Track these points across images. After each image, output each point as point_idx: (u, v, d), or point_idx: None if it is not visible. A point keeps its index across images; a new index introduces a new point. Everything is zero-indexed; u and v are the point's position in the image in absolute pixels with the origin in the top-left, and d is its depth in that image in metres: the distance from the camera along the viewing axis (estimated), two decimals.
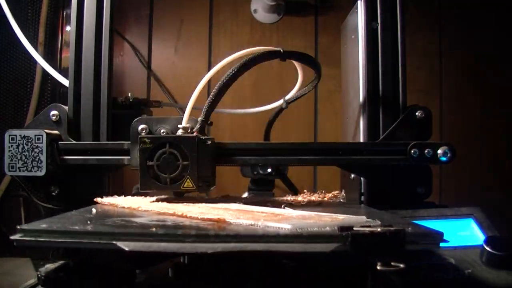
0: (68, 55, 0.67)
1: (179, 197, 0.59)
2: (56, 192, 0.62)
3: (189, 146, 0.54)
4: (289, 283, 0.48)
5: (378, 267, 0.35)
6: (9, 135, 0.58)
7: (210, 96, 0.58)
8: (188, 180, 0.54)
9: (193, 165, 0.54)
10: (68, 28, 0.88)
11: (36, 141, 0.58)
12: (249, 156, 0.59)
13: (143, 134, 0.59)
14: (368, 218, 0.43)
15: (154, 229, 0.39)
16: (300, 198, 0.66)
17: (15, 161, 0.58)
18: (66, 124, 0.61)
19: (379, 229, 0.35)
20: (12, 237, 0.38)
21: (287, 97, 0.72)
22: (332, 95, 1.11)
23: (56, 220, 0.43)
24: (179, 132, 0.57)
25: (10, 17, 0.69)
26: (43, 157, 0.58)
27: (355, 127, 0.67)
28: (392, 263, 0.35)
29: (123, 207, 0.54)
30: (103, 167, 0.62)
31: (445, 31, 1.13)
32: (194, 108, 0.59)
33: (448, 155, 0.57)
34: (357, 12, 0.66)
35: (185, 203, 0.55)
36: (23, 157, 0.58)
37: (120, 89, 1.08)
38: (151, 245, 0.36)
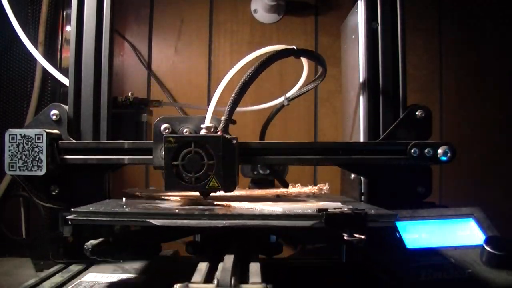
0: (68, 55, 0.67)
1: (205, 197, 0.59)
2: (56, 191, 0.62)
3: (214, 146, 0.54)
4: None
5: (345, 237, 0.44)
6: (9, 135, 0.58)
7: (233, 95, 0.58)
8: (213, 179, 0.54)
9: (218, 164, 0.54)
10: (68, 28, 0.88)
11: (36, 141, 0.58)
12: (271, 156, 0.60)
13: (166, 133, 0.58)
14: (342, 205, 0.52)
15: (176, 210, 0.49)
16: (291, 190, 0.67)
17: (15, 160, 0.58)
18: (66, 123, 0.61)
19: (346, 210, 0.46)
20: (68, 217, 0.47)
21: (288, 94, 0.71)
22: (332, 95, 1.11)
23: (99, 205, 0.52)
24: (203, 131, 0.57)
25: (11, 16, 0.69)
26: (43, 157, 0.58)
27: (355, 127, 0.67)
28: (355, 235, 0.44)
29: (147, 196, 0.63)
30: (103, 167, 0.62)
31: (445, 31, 1.13)
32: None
33: (448, 154, 0.57)
34: (357, 12, 0.67)
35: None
36: (23, 157, 0.58)
37: (120, 88, 1.08)
38: (175, 221, 0.46)
